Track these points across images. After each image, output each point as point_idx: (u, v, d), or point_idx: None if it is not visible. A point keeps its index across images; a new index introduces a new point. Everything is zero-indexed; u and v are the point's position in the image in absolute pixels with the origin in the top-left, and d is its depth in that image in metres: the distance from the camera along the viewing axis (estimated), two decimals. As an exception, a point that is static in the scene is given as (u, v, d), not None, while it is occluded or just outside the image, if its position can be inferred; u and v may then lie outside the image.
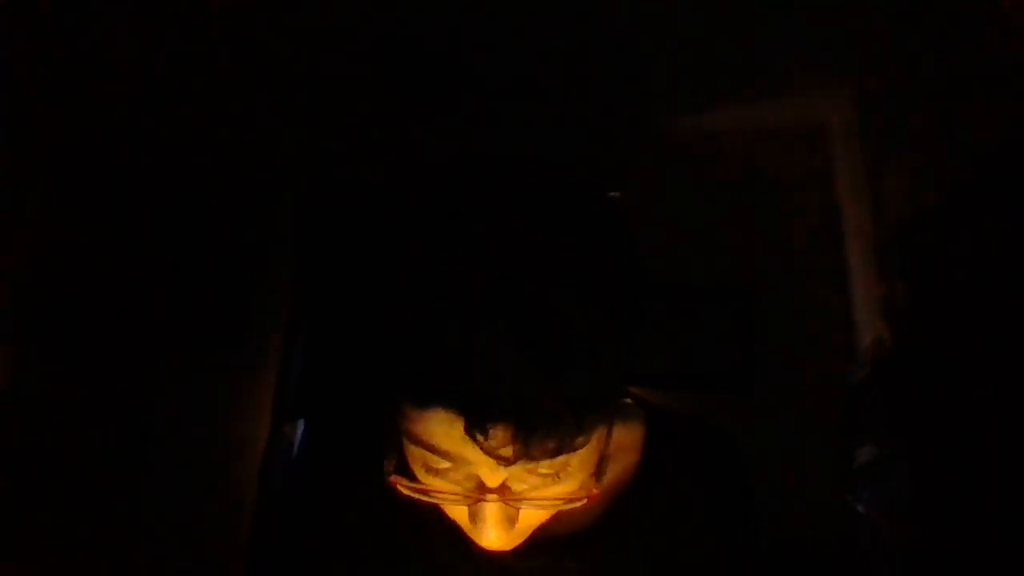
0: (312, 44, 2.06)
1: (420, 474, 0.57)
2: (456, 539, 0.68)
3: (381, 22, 1.98)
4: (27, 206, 1.69)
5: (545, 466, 0.54)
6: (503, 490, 0.55)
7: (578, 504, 0.57)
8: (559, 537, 0.67)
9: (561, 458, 0.53)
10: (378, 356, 0.55)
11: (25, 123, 1.66)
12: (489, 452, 0.51)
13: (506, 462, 0.51)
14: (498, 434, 0.50)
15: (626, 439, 0.70)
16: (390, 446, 0.60)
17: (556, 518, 0.62)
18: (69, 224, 1.81)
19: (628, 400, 0.74)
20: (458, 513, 0.59)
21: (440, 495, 0.57)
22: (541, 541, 0.65)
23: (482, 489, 0.55)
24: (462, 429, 0.50)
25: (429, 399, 0.51)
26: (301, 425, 2.43)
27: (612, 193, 0.61)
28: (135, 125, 2.05)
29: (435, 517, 0.68)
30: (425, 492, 0.57)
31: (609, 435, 0.58)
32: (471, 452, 0.52)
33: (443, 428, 0.52)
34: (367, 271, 0.56)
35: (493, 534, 0.56)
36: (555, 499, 0.57)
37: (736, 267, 2.44)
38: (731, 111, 2.43)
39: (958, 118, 1.56)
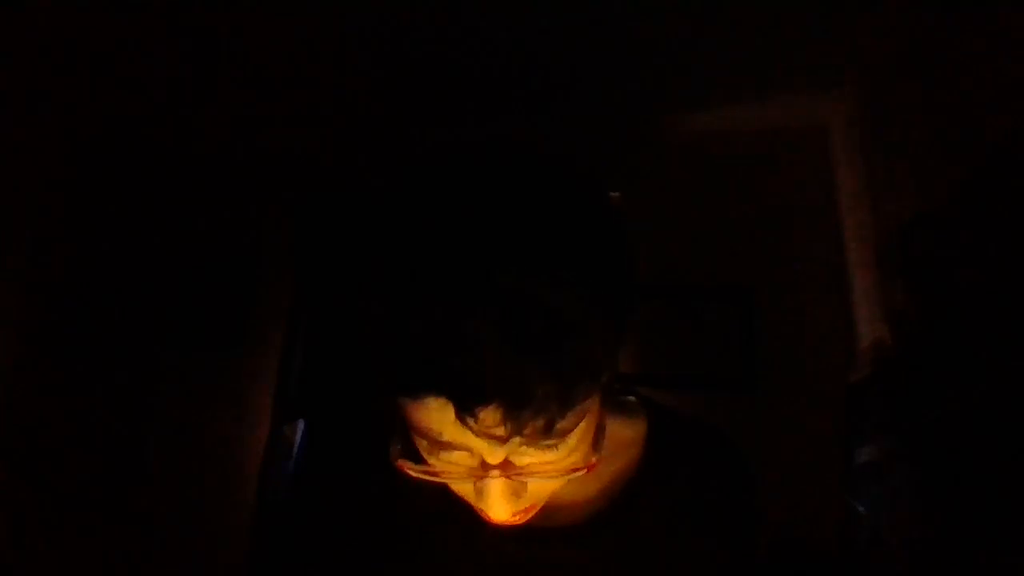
0: (311, 43, 2.07)
1: (425, 454, 0.59)
2: (458, 535, 0.68)
3: (379, 21, 1.98)
4: (27, 206, 1.69)
5: (542, 441, 0.55)
6: (506, 465, 0.56)
7: (580, 474, 0.58)
8: (559, 529, 0.68)
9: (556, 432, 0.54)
10: (368, 348, 0.55)
11: (27, 124, 1.66)
12: (482, 434, 0.52)
13: (500, 441, 0.52)
14: (488, 416, 0.51)
15: (628, 434, 0.72)
16: (394, 430, 0.61)
17: (557, 508, 0.64)
18: (69, 224, 1.81)
19: (632, 398, 0.75)
20: (465, 490, 0.60)
21: (446, 475, 0.58)
22: (542, 532, 0.66)
23: (485, 466, 0.56)
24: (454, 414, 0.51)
25: (418, 388, 0.52)
26: (301, 426, 2.43)
27: (612, 193, 0.61)
28: (135, 126, 2.05)
29: (436, 513, 0.68)
30: (431, 473, 0.58)
31: (603, 404, 0.60)
32: (468, 435, 0.53)
33: (437, 415, 0.53)
34: (354, 265, 0.57)
35: (499, 508, 0.58)
36: (557, 469, 0.57)
37: (736, 267, 2.44)
38: (731, 111, 2.42)
39: (958, 118, 1.56)
